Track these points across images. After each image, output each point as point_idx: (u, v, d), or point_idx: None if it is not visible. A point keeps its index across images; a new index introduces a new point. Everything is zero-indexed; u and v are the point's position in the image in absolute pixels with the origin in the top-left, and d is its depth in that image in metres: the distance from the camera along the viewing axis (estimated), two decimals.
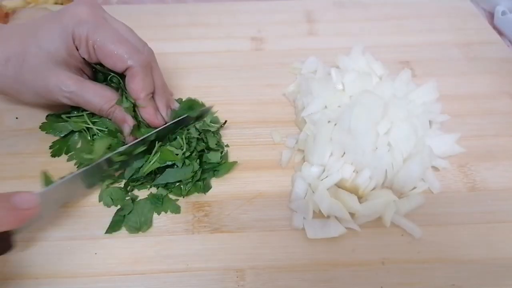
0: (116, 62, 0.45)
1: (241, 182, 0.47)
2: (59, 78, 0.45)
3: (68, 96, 0.46)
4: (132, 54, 0.45)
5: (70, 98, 0.46)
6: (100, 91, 0.47)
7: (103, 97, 0.46)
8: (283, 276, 0.39)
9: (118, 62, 0.45)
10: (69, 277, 0.39)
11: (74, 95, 0.45)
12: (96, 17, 0.46)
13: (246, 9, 0.75)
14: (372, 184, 0.44)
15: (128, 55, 0.44)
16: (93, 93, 0.46)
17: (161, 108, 0.49)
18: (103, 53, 0.45)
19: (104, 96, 0.47)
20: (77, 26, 0.44)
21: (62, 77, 0.45)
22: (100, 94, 0.46)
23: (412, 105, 0.48)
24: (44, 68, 0.44)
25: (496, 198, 0.45)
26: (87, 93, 0.46)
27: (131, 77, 0.45)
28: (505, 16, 0.72)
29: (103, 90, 0.47)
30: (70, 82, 0.45)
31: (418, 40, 0.68)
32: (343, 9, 0.76)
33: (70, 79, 0.45)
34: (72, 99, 0.46)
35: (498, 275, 0.39)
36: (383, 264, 0.40)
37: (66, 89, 0.45)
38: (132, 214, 0.42)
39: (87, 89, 0.46)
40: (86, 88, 0.46)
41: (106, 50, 0.44)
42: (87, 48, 0.45)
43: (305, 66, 0.60)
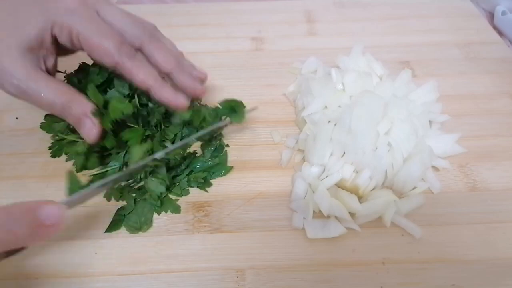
0: (102, 56, 0.41)
1: (241, 182, 0.47)
2: (14, 63, 0.39)
3: (16, 85, 0.40)
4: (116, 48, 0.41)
5: (17, 88, 0.40)
6: (52, 84, 0.41)
7: (54, 90, 0.40)
8: (283, 276, 0.39)
9: (104, 56, 0.41)
10: (69, 277, 0.39)
11: (23, 85, 0.40)
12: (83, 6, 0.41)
13: (246, 9, 0.75)
14: (372, 184, 0.44)
15: (113, 48, 0.40)
16: (43, 85, 0.40)
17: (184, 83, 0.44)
18: (88, 46, 0.41)
19: (55, 88, 0.40)
20: (63, 14, 0.40)
21: (17, 63, 0.40)
22: (51, 86, 0.40)
23: (412, 105, 0.48)
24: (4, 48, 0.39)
25: (496, 198, 0.45)
26: (36, 84, 0.40)
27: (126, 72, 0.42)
28: (505, 16, 0.72)
29: (57, 83, 0.41)
30: (23, 70, 0.39)
31: (418, 40, 0.68)
32: (343, 9, 0.76)
33: (24, 67, 0.40)
34: (19, 90, 0.40)
35: (498, 275, 0.39)
36: (383, 264, 0.40)
37: (16, 75, 0.39)
38: (132, 214, 0.43)
39: (39, 80, 0.40)
40: (37, 79, 0.40)
41: (92, 44, 0.40)
42: (71, 37, 0.41)
43: (305, 66, 0.60)
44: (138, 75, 0.42)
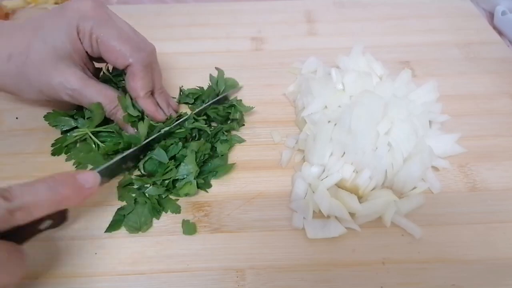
0: (117, 58, 0.45)
1: (241, 182, 0.47)
2: (63, 74, 0.44)
3: (71, 94, 0.45)
4: (133, 52, 0.45)
5: (72, 96, 0.45)
6: (104, 91, 0.47)
7: (106, 97, 0.46)
8: (283, 276, 0.39)
9: (120, 58, 0.45)
10: (69, 277, 0.39)
11: (77, 93, 0.45)
12: (100, 13, 0.46)
13: (246, 9, 0.75)
14: (372, 184, 0.44)
15: (130, 52, 0.45)
16: (96, 92, 0.46)
17: (162, 104, 0.50)
18: (105, 48, 0.45)
19: (108, 95, 0.46)
20: (82, 20, 0.44)
21: (66, 74, 0.44)
22: (103, 93, 0.46)
23: (412, 105, 0.48)
24: (48, 64, 0.44)
25: (496, 198, 0.45)
26: (90, 92, 0.45)
27: (131, 75, 0.46)
28: (505, 16, 0.72)
29: (106, 89, 0.47)
30: (74, 79, 0.45)
31: (418, 40, 0.68)
32: (343, 9, 0.76)
33: (73, 76, 0.45)
34: (74, 97, 0.46)
35: (498, 275, 0.39)
36: (383, 264, 0.40)
37: (69, 86, 0.44)
38: (132, 214, 0.42)
39: (91, 87, 0.46)
40: (89, 87, 0.46)
41: (109, 46, 0.45)
42: (91, 42, 0.45)
43: (305, 66, 0.60)
44: (139, 81, 0.46)
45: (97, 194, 0.44)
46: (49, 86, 0.45)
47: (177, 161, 0.45)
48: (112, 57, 0.45)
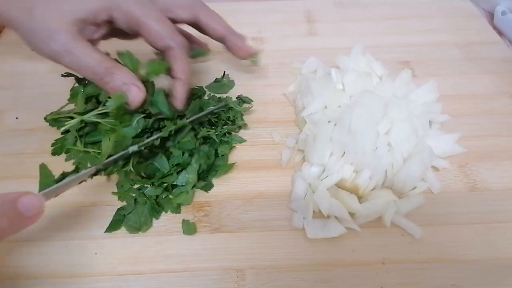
0: (157, 40, 0.45)
1: (241, 182, 0.47)
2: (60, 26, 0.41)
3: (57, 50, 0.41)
4: (174, 35, 0.45)
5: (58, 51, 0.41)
6: (94, 53, 0.42)
7: (95, 59, 0.42)
8: (283, 276, 0.39)
9: (159, 40, 0.45)
10: (69, 277, 0.39)
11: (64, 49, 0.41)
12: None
13: (246, 9, 0.75)
14: (372, 184, 0.44)
15: (170, 34, 0.45)
16: (86, 53, 0.42)
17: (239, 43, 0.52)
18: (144, 30, 0.44)
19: (97, 58, 0.42)
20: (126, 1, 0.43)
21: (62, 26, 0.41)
22: (93, 56, 0.42)
23: (412, 105, 0.48)
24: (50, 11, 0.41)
25: (496, 198, 0.45)
26: (79, 51, 0.41)
27: (174, 58, 0.46)
28: (505, 16, 0.72)
29: (98, 53, 0.43)
30: (66, 34, 0.41)
31: (418, 40, 0.68)
32: (343, 9, 0.76)
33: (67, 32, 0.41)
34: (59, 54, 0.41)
35: (498, 275, 0.39)
36: (383, 264, 0.40)
37: (58, 38, 0.40)
38: (132, 214, 0.42)
39: (81, 47, 0.42)
40: (80, 46, 0.42)
41: (148, 27, 0.44)
42: (128, 20, 0.44)
43: (305, 66, 0.60)
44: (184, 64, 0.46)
45: (98, 194, 0.45)
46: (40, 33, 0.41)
47: (180, 167, 0.45)
48: (151, 38, 0.45)
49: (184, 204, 0.44)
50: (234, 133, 0.52)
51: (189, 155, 0.46)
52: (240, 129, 0.53)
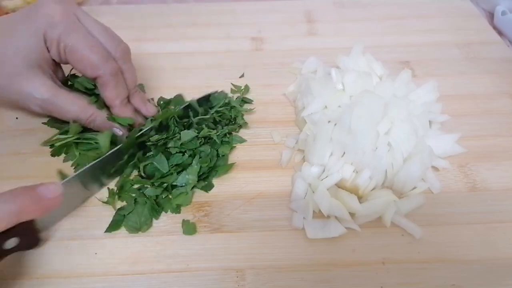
0: (86, 68, 0.44)
1: (241, 182, 0.47)
2: (32, 84, 0.43)
3: (40, 104, 0.44)
4: (102, 62, 0.44)
5: (42, 106, 0.44)
6: (76, 100, 0.45)
7: (80, 106, 0.45)
8: (283, 276, 0.39)
9: (89, 68, 0.44)
10: (69, 277, 0.39)
11: (48, 103, 0.44)
12: (69, 18, 0.44)
13: (246, 9, 0.75)
14: (372, 184, 0.44)
15: (98, 63, 0.44)
16: (69, 102, 0.44)
17: (140, 106, 0.49)
18: (73, 58, 0.44)
19: (81, 105, 0.45)
20: (49, 28, 0.43)
21: (35, 84, 0.43)
22: (76, 103, 0.45)
23: (412, 105, 0.48)
24: (18, 73, 0.42)
25: (496, 198, 0.45)
26: (62, 101, 0.44)
27: (103, 86, 0.45)
28: (505, 16, 0.72)
29: (78, 98, 0.46)
30: (44, 88, 0.43)
31: (418, 40, 0.68)
32: (343, 9, 0.76)
33: (43, 86, 0.43)
34: (44, 108, 0.44)
35: (498, 275, 0.39)
36: (383, 264, 0.40)
37: (39, 96, 0.43)
38: (132, 214, 0.42)
39: (61, 96, 0.44)
40: (61, 96, 0.44)
41: (78, 56, 0.43)
42: (58, 50, 0.44)
43: (305, 66, 0.60)
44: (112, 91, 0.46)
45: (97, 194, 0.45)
46: (19, 96, 0.44)
47: (180, 167, 0.45)
48: (81, 67, 0.44)
49: (183, 205, 0.44)
50: (234, 133, 0.52)
51: (189, 156, 0.46)
52: (240, 129, 0.53)
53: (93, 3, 0.79)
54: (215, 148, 0.48)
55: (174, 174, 0.45)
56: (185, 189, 0.44)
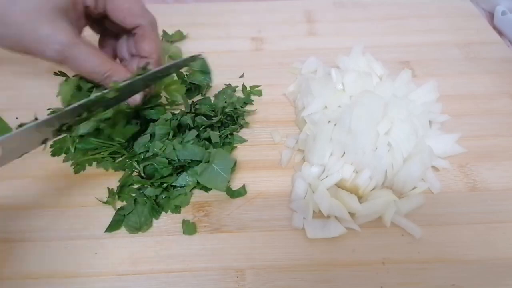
0: (126, 17, 0.43)
1: (241, 182, 0.46)
2: (53, 26, 0.39)
3: (58, 49, 0.40)
4: (144, 12, 0.44)
5: (59, 52, 0.40)
6: (96, 51, 0.42)
7: (99, 58, 0.42)
8: (283, 276, 0.39)
9: (129, 17, 0.43)
10: (69, 277, 0.39)
11: (66, 49, 0.40)
12: None
13: (246, 9, 0.75)
14: (372, 184, 0.44)
15: (141, 12, 0.43)
16: (88, 52, 0.41)
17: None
18: (114, 5, 0.43)
19: (100, 57, 0.42)
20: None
21: (57, 26, 0.39)
22: (96, 54, 0.42)
23: (412, 105, 0.48)
24: (38, 13, 0.39)
25: (496, 198, 0.45)
26: (80, 50, 0.41)
27: (143, 37, 0.44)
28: (505, 16, 0.72)
29: (99, 51, 0.43)
30: (64, 33, 0.39)
31: (418, 40, 0.68)
32: (343, 9, 0.76)
33: (64, 30, 0.40)
34: (61, 54, 0.40)
35: (498, 275, 0.39)
36: (383, 264, 0.40)
37: (58, 40, 0.39)
38: (132, 214, 0.42)
39: (82, 46, 0.41)
40: (80, 45, 0.41)
41: (117, 3, 0.42)
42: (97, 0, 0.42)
43: (305, 66, 0.60)
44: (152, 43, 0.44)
45: (98, 194, 0.45)
46: (33, 38, 0.39)
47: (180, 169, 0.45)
48: (120, 15, 0.43)
49: (182, 206, 0.44)
50: (234, 133, 0.52)
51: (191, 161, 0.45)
52: (241, 128, 0.53)
53: None
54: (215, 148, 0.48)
55: (174, 174, 0.45)
56: (184, 190, 0.44)
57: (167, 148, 0.45)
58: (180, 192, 0.44)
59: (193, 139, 0.47)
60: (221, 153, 0.45)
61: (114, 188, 0.45)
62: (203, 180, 0.44)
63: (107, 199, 0.44)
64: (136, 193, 0.44)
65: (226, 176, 0.44)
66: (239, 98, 0.56)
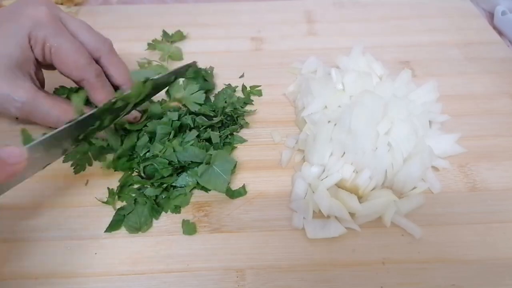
0: (72, 70, 0.44)
1: (241, 182, 0.46)
2: (10, 86, 0.42)
3: (20, 107, 0.43)
4: (88, 64, 0.44)
5: (21, 109, 0.43)
6: (57, 102, 0.45)
7: (61, 109, 0.44)
8: (283, 276, 0.39)
9: (74, 70, 0.44)
10: (69, 277, 0.39)
11: (27, 106, 0.42)
12: (54, 19, 0.44)
13: (246, 9, 0.75)
14: (372, 184, 0.44)
15: (84, 65, 0.44)
16: (49, 104, 0.44)
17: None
18: (58, 59, 0.44)
19: (62, 107, 0.44)
20: (35, 28, 0.43)
21: (13, 86, 0.42)
22: (57, 105, 0.44)
23: (412, 105, 0.48)
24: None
25: (496, 198, 0.45)
26: (42, 104, 0.43)
27: (91, 89, 0.45)
28: (505, 16, 0.72)
29: (59, 101, 0.45)
30: (22, 91, 0.42)
31: (418, 40, 0.68)
32: (343, 9, 0.76)
33: (22, 88, 0.42)
34: (23, 111, 0.43)
35: (498, 275, 0.39)
36: (383, 264, 0.40)
37: (18, 98, 0.42)
38: (132, 214, 0.42)
39: (42, 99, 0.43)
40: (41, 99, 0.43)
41: (63, 58, 0.43)
42: (43, 50, 0.44)
43: (305, 66, 0.60)
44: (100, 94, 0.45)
45: (98, 194, 0.45)
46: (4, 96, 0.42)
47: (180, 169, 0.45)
48: (66, 69, 0.44)
49: (181, 206, 0.44)
50: (234, 133, 0.52)
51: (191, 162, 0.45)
52: (241, 128, 0.53)
53: (93, 3, 0.79)
54: (216, 149, 0.48)
55: (174, 175, 0.45)
56: (184, 190, 0.44)
57: (167, 150, 0.45)
58: (180, 192, 0.44)
59: (193, 139, 0.47)
60: (222, 154, 0.45)
61: (114, 188, 0.45)
62: (203, 181, 0.44)
63: (107, 199, 0.44)
64: (136, 193, 0.44)
65: (226, 178, 0.44)
66: (239, 98, 0.56)
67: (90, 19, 0.48)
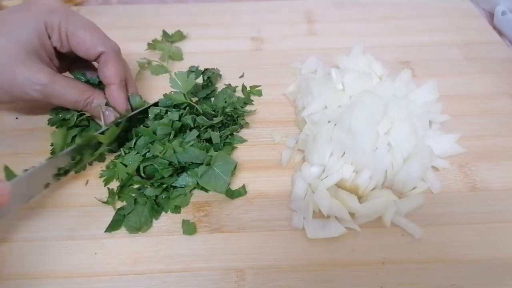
0: (89, 48, 0.46)
1: (241, 182, 0.46)
2: (29, 70, 0.44)
3: (40, 90, 0.44)
4: (104, 40, 0.46)
5: (41, 91, 0.45)
6: (74, 83, 0.47)
7: (78, 89, 0.47)
8: (283, 276, 0.39)
9: (91, 48, 0.46)
10: (69, 277, 0.39)
11: (47, 88, 0.45)
12: (64, 6, 0.47)
13: (246, 9, 0.76)
14: (372, 184, 0.44)
15: (101, 40, 0.46)
16: (66, 86, 0.46)
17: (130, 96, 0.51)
18: (75, 40, 0.46)
19: (79, 88, 0.47)
20: (49, 15, 0.45)
21: (33, 69, 0.44)
22: (74, 86, 0.47)
23: (412, 105, 0.48)
24: (13, 61, 0.43)
25: (496, 198, 0.45)
26: (60, 86, 0.45)
27: (105, 63, 0.47)
28: (505, 16, 0.72)
29: (76, 82, 0.48)
30: (42, 74, 0.44)
31: (418, 40, 0.68)
32: (343, 9, 0.76)
33: (41, 71, 0.44)
34: (44, 93, 0.45)
35: (498, 275, 0.39)
36: (383, 264, 0.40)
37: (38, 81, 0.44)
38: (132, 214, 0.42)
39: (60, 81, 0.46)
40: (59, 81, 0.45)
41: (79, 37, 0.45)
42: (60, 36, 0.45)
43: (305, 66, 0.60)
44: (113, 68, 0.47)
45: (98, 194, 0.45)
46: (14, 84, 0.44)
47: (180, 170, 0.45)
48: (83, 48, 0.46)
49: (181, 206, 0.44)
50: (235, 133, 0.52)
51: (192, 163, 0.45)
52: (242, 128, 0.53)
53: (93, 3, 0.79)
54: (216, 149, 0.48)
55: (174, 175, 0.45)
56: (184, 190, 0.44)
57: (168, 151, 0.45)
58: (180, 192, 0.44)
59: (194, 139, 0.47)
60: (222, 155, 0.45)
61: (114, 188, 0.45)
62: (204, 182, 0.44)
63: (107, 199, 0.44)
64: (136, 193, 0.44)
65: (226, 179, 0.44)
66: (239, 98, 0.56)
67: (90, 19, 0.48)
